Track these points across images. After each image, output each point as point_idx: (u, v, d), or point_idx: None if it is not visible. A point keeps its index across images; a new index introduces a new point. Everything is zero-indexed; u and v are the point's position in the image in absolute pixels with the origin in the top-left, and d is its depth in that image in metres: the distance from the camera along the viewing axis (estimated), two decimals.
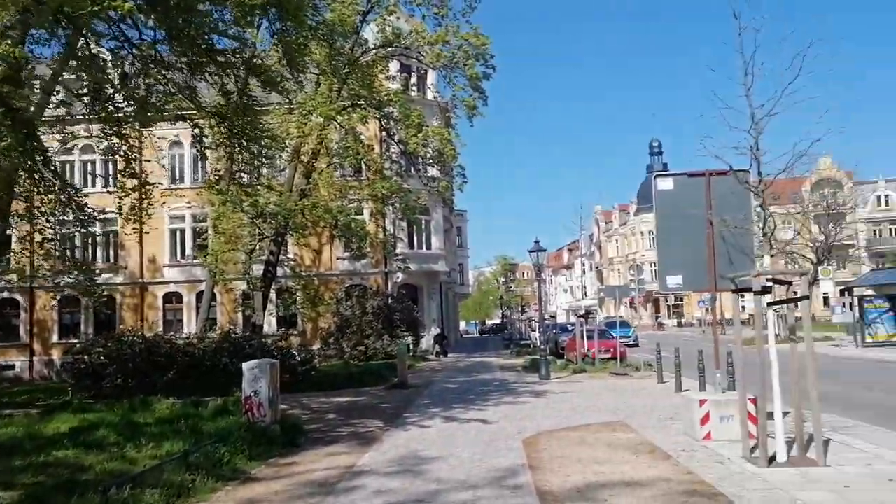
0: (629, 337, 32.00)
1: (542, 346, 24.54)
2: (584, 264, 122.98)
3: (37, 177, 15.40)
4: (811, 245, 65.48)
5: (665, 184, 11.54)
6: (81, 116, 18.73)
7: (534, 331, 58.32)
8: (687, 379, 18.72)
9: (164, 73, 13.13)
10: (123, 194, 17.62)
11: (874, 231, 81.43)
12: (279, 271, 35.64)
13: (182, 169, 42.16)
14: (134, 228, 20.96)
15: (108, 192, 26.69)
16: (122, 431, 10.72)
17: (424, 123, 29.12)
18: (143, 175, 17.87)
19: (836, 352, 31.60)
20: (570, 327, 42.37)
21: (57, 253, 24.96)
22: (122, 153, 16.01)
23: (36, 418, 13.14)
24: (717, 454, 10.01)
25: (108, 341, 20.75)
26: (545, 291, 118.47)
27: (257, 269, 29.74)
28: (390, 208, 37.45)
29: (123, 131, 15.02)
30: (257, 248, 30.13)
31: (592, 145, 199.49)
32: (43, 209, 18.06)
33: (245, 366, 10.90)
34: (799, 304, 9.77)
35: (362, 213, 34.79)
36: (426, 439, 11.89)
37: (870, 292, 36.22)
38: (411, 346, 38.79)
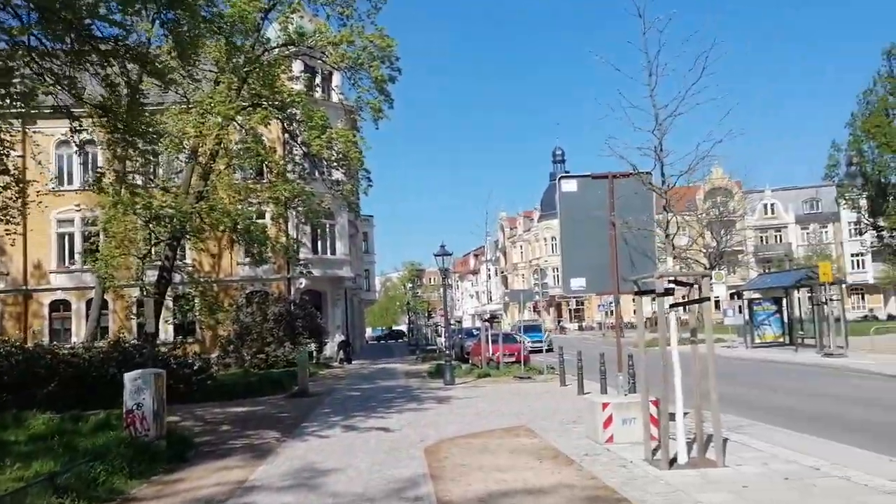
0: (542, 341, 31.99)
1: (447, 352, 24.27)
2: (489, 269, 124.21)
3: None
4: (704, 251, 68.01)
5: (569, 185, 11.43)
6: None
7: (440, 336, 58.29)
8: (589, 381, 18.82)
9: (38, 61, 12.15)
10: None
11: (761, 238, 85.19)
12: (176, 277, 34.28)
13: (71, 170, 40.02)
14: (7, 230, 19.48)
15: None
16: None
17: (328, 125, 28.43)
18: (17, 172, 16.50)
19: (728, 352, 32.60)
20: (475, 332, 42.41)
21: None
22: None
23: None
24: (620, 458, 9.91)
25: None
26: (451, 296, 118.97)
27: (152, 275, 28.41)
28: (293, 212, 36.66)
29: None
30: (151, 252, 28.80)
31: (498, 152, 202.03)
32: None
33: (127, 377, 10.11)
34: (700, 305, 9.75)
35: (264, 217, 33.80)
36: (324, 450, 11.37)
37: (757, 295, 37.58)
38: (314, 354, 37.98)
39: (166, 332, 38.75)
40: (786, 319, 34.83)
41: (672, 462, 9.11)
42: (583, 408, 14.74)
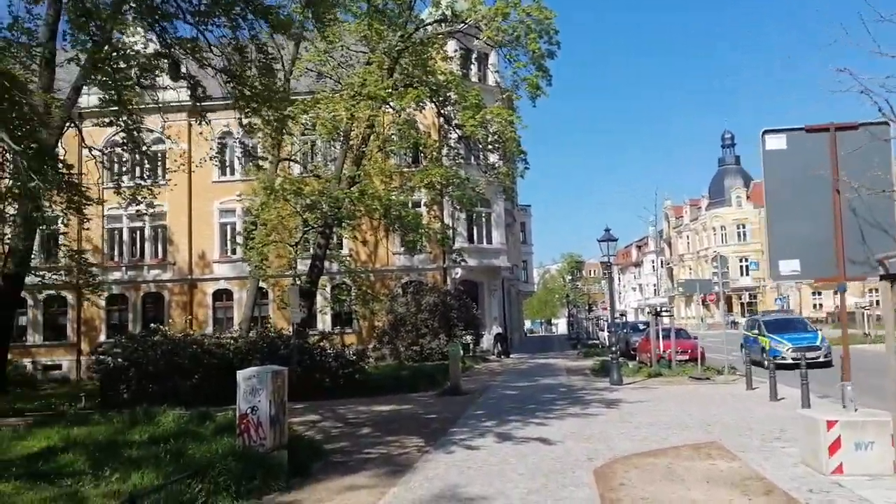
0: (818, 347, 24.11)
1: (613, 348, 21.88)
2: (653, 261, 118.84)
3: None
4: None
5: (776, 142, 8.92)
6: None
7: (602, 330, 55.42)
8: (782, 385, 15.98)
9: (166, 28, 11.12)
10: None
11: None
12: (333, 267, 33.85)
13: (233, 160, 40.62)
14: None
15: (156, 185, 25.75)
16: (96, 455, 8.66)
17: (483, 105, 26.78)
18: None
19: None
20: (640, 326, 39.50)
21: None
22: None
23: (20, 432, 11.23)
24: (861, 499, 7.39)
25: (129, 341, 18.96)
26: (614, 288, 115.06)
27: (308, 265, 27.82)
28: (448, 200, 35.32)
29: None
30: (305, 240, 28.24)
31: (660, 138, 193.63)
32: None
33: (240, 375, 8.67)
34: None
35: (419, 206, 32.62)
36: (471, 467, 9.49)
37: None
38: (471, 346, 36.54)
39: (324, 322, 38.57)
40: None
41: None
42: (785, 419, 12.14)
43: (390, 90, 25.00)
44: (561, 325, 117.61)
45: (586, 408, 15.37)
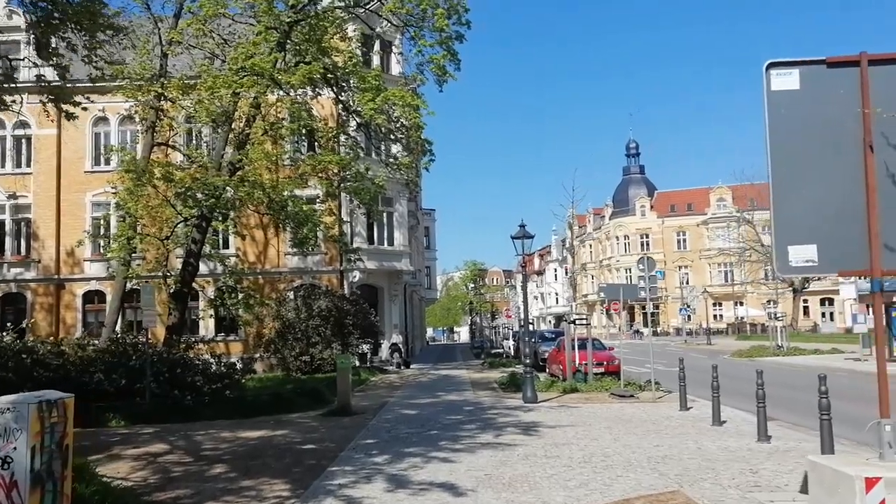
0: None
1: (526, 360, 19.34)
2: (556, 270, 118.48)
3: None
4: None
5: (785, 79, 6.41)
6: None
7: (506, 339, 53.25)
8: (703, 400, 13.84)
9: None
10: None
11: None
12: (219, 268, 30.21)
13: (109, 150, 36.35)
14: None
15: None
16: None
17: (384, 88, 23.96)
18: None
19: (867, 367, 26.77)
20: (549, 335, 37.37)
21: None
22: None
23: None
24: None
25: None
26: (515, 297, 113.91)
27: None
28: (346, 197, 32.25)
29: None
30: (174, 234, 24.59)
31: (564, 151, 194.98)
32: None
33: None
34: None
35: (314, 202, 29.39)
36: None
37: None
38: (368, 356, 33.53)
39: (206, 328, 34.87)
40: None
41: None
42: (747, 453, 9.79)
43: (278, 64, 21.91)
44: (463, 334, 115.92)
45: (500, 434, 12.65)
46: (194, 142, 31.24)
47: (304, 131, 26.71)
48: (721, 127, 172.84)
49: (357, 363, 31.22)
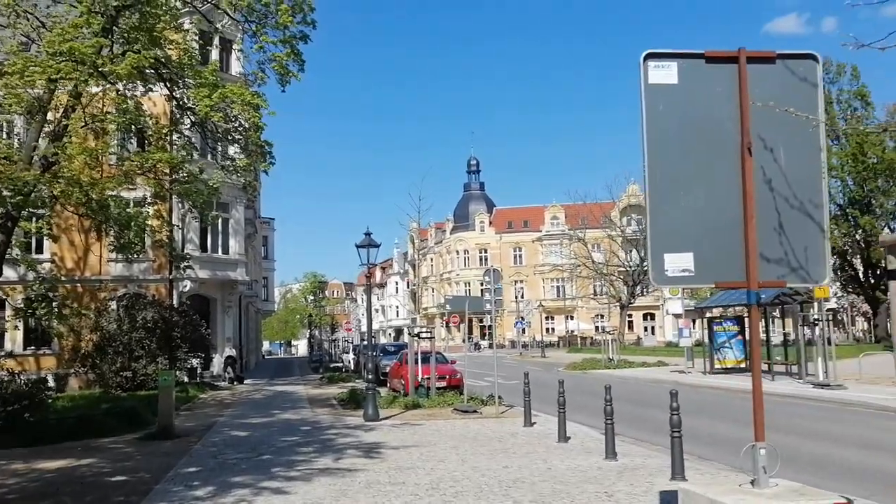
0: None
1: (369, 375, 18.45)
2: (397, 283, 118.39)
3: None
4: (625, 268, 64.59)
5: (663, 73, 5.98)
6: None
7: (346, 352, 52.02)
8: (571, 422, 13.53)
9: None
10: None
11: None
12: (29, 274, 27.26)
13: None
14: None
15: None
16: None
17: (221, 84, 22.47)
18: None
19: (689, 379, 27.96)
20: (390, 348, 36.66)
21: None
22: None
23: None
24: None
25: None
26: (356, 310, 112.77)
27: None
28: (177, 201, 30.15)
29: None
30: None
31: (408, 161, 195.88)
32: None
33: None
34: None
35: (143, 205, 27.10)
36: None
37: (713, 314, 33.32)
38: (198, 371, 31.46)
39: (13, 341, 31.52)
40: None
41: None
42: (597, 474, 9.44)
43: (103, 51, 19.98)
44: (302, 347, 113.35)
45: (340, 458, 11.68)
46: (4, 133, 28.22)
47: (132, 127, 24.62)
48: (558, 145, 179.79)
49: (186, 379, 29.19)
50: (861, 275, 51.95)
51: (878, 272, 47.64)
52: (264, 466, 10.92)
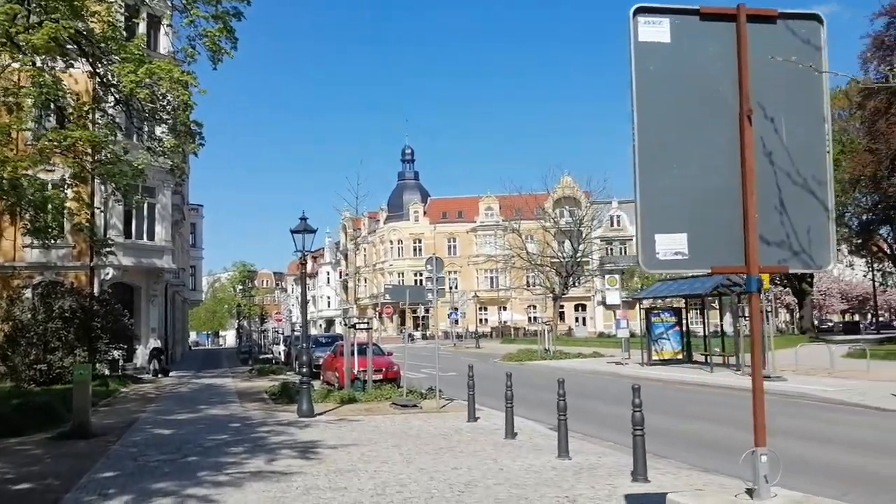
0: None
1: (303, 368, 17.48)
2: (329, 273, 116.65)
3: None
4: (559, 259, 64.70)
5: (654, 30, 5.31)
6: None
7: (276, 344, 50.64)
8: (518, 417, 12.96)
9: None
10: None
11: (606, 249, 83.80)
12: None
13: None
14: None
15: None
16: None
17: (147, 60, 21.18)
18: None
19: (628, 370, 27.87)
20: (323, 340, 35.65)
21: None
22: None
23: None
24: None
25: None
26: (286, 300, 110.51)
27: None
28: (99, 183, 28.58)
29: None
30: None
31: (341, 151, 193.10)
32: None
33: None
34: None
35: (63, 187, 25.46)
36: None
37: (665, 304, 33.34)
38: (120, 363, 29.92)
39: None
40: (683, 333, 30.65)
41: None
42: (552, 475, 8.89)
43: (16, 18, 18.52)
44: (230, 338, 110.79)
45: (274, 459, 10.80)
46: None
47: (50, 105, 23.00)
48: (493, 136, 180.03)
49: (107, 371, 27.71)
50: None
51: None
52: (190, 470, 9.96)
